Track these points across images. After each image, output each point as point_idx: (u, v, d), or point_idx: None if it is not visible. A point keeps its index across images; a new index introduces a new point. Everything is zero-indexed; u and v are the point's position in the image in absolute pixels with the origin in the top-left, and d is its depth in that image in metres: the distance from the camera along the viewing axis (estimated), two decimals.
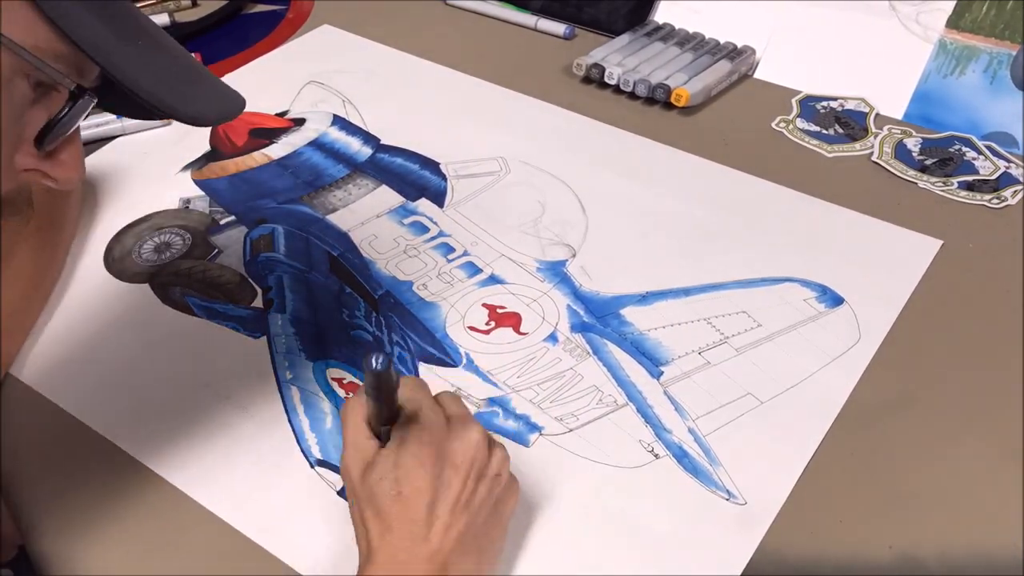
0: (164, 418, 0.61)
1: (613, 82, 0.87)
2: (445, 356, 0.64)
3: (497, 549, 0.50)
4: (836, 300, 0.67)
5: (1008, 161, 0.78)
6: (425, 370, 0.63)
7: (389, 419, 0.48)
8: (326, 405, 0.61)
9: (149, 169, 0.82)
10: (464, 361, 0.64)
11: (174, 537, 0.54)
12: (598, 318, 0.67)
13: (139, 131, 0.86)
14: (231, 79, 0.93)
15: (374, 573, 0.46)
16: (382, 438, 0.49)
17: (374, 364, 0.43)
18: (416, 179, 0.80)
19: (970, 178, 0.77)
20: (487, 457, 0.49)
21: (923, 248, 0.71)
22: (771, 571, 0.51)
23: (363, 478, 0.48)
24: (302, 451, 0.58)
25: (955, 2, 0.84)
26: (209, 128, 0.86)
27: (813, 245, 0.72)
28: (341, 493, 0.56)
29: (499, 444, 0.51)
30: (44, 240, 0.70)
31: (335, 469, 0.57)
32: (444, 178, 0.80)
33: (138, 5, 1.04)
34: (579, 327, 0.66)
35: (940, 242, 0.72)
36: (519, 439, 0.59)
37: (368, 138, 0.84)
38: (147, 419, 0.61)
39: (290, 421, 0.60)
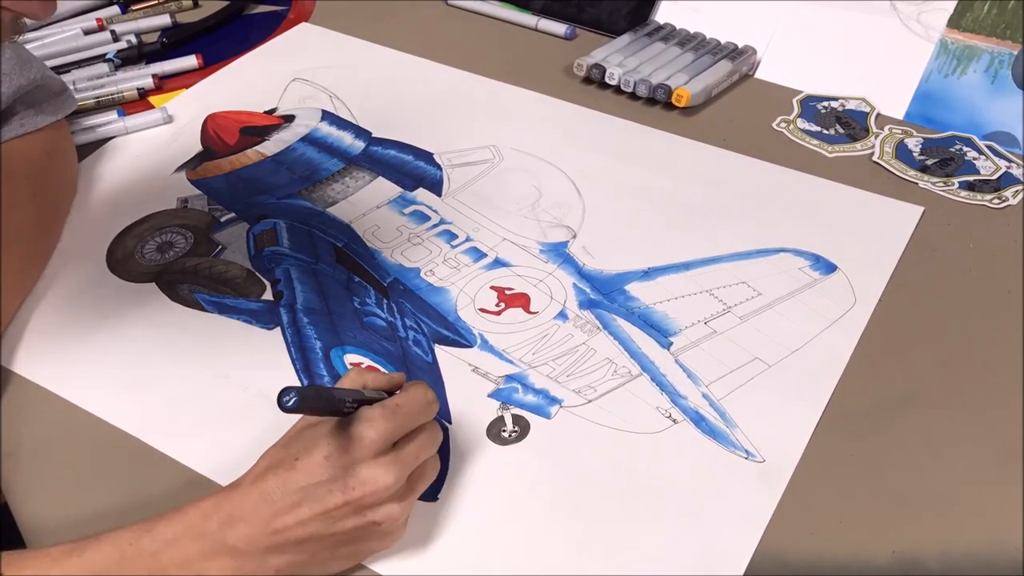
0: (190, 411, 0.62)
1: (614, 82, 0.88)
2: (460, 337, 0.66)
3: (330, 570, 0.50)
4: (829, 267, 0.70)
5: (1009, 161, 0.79)
6: (441, 352, 0.65)
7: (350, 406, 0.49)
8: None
9: (143, 171, 0.82)
10: (479, 341, 0.65)
11: None
12: (604, 295, 0.69)
13: (137, 131, 0.86)
14: (211, 81, 0.93)
15: (220, 501, 0.47)
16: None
17: (282, 405, 0.44)
18: (412, 170, 0.81)
19: (971, 178, 0.78)
20: (380, 502, 0.48)
21: (906, 215, 0.75)
22: (771, 571, 0.52)
23: (301, 427, 0.50)
24: None
25: (956, 2, 0.84)
26: (200, 128, 0.86)
27: (802, 217, 0.75)
28: None
29: (403, 504, 0.49)
30: (41, 204, 0.71)
31: None
32: (439, 168, 0.81)
33: (140, 7, 1.04)
34: (587, 304, 0.68)
35: (922, 208, 0.75)
36: (541, 412, 0.60)
37: (360, 132, 0.85)
38: (172, 412, 0.61)
39: None
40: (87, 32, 0.99)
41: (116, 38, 0.99)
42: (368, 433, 0.48)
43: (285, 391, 0.44)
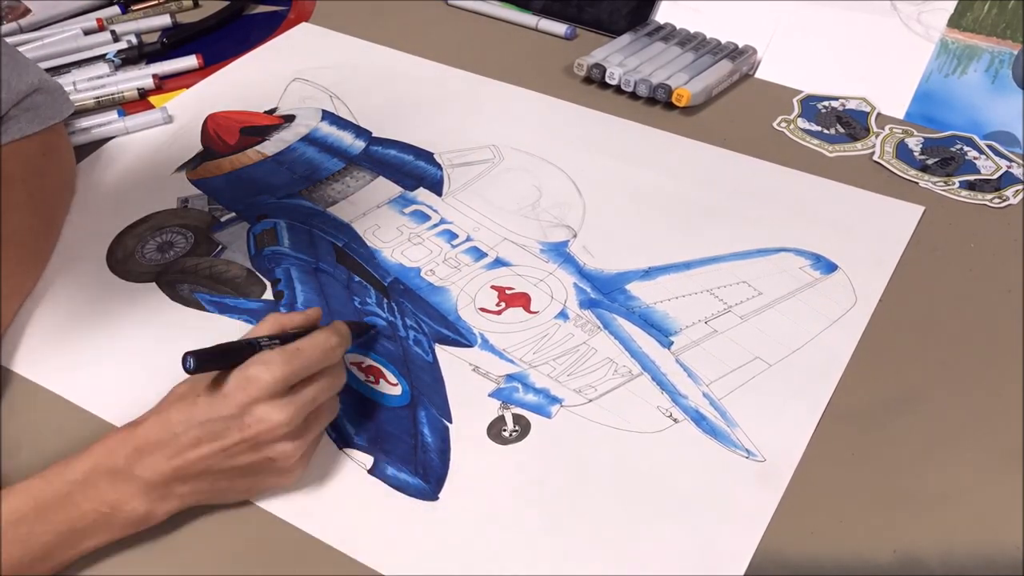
0: None
1: (614, 82, 0.88)
2: (460, 337, 0.66)
3: (231, 498, 0.54)
4: (830, 267, 0.70)
5: (1010, 160, 0.79)
6: (442, 351, 0.65)
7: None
8: (347, 389, 0.62)
9: (143, 171, 0.82)
10: (479, 341, 0.65)
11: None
12: (605, 294, 0.69)
13: (137, 131, 0.86)
14: (211, 81, 0.93)
15: (126, 436, 0.51)
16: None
17: (185, 368, 0.50)
18: (412, 169, 0.81)
19: (971, 177, 0.78)
20: (274, 440, 0.51)
21: (907, 214, 0.75)
22: (772, 570, 0.52)
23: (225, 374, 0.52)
24: (326, 432, 0.59)
25: (956, 1, 0.84)
26: (200, 128, 0.86)
27: (803, 216, 0.75)
28: (372, 472, 0.57)
29: (300, 443, 0.53)
30: (39, 207, 0.72)
31: (363, 449, 0.58)
32: (439, 167, 0.81)
33: (140, 7, 1.04)
34: (587, 303, 0.68)
35: (922, 208, 0.75)
36: (541, 411, 0.60)
37: (360, 131, 0.85)
38: None
39: None
40: (87, 32, 0.99)
41: (116, 38, 0.99)
42: (263, 375, 0.51)
43: (185, 356, 0.49)
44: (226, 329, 0.67)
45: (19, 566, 0.48)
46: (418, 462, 0.57)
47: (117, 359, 0.65)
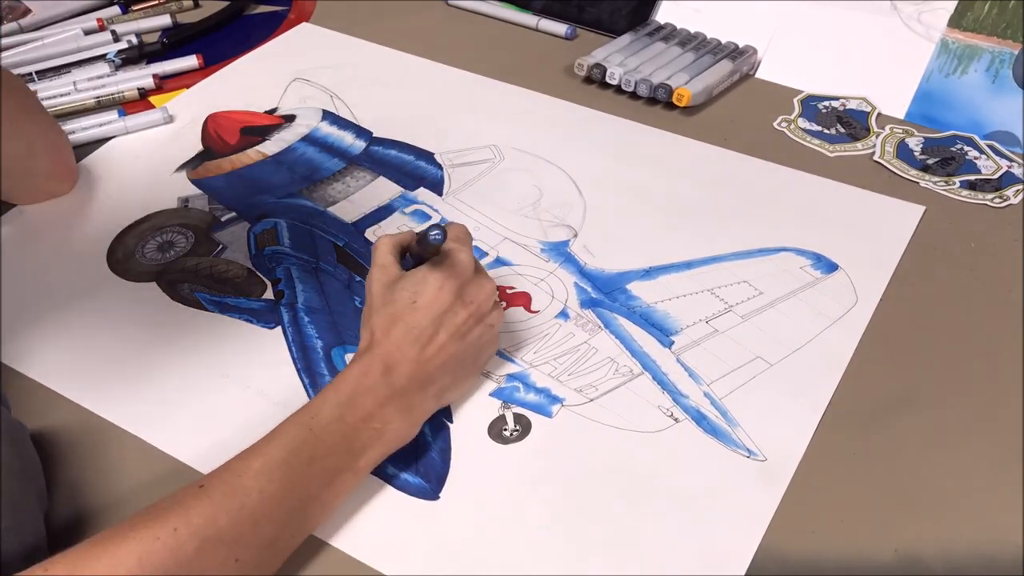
0: (189, 410, 0.61)
1: (615, 82, 0.88)
2: None
3: (469, 385, 0.60)
4: (831, 266, 0.70)
5: (1010, 160, 0.79)
6: None
7: (420, 261, 0.58)
8: None
9: (144, 170, 0.82)
10: None
11: None
12: (605, 294, 0.69)
13: (137, 131, 0.86)
14: (212, 81, 0.93)
15: (369, 357, 0.54)
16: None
17: (431, 238, 0.54)
18: (412, 169, 0.81)
19: (972, 177, 0.78)
20: (490, 308, 0.59)
21: (908, 214, 0.75)
22: (773, 570, 0.52)
23: (387, 288, 0.57)
24: None
25: (957, 1, 0.85)
26: (201, 128, 0.86)
27: (803, 216, 0.75)
28: (372, 471, 0.57)
29: (500, 303, 0.61)
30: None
31: None
32: (440, 168, 0.81)
33: (140, 7, 1.04)
34: (588, 303, 0.68)
35: (923, 207, 0.75)
36: (542, 411, 0.60)
37: (360, 131, 0.85)
38: (173, 411, 0.61)
39: None
40: (88, 32, 0.99)
41: (117, 38, 0.99)
42: (462, 257, 0.57)
43: (435, 229, 0.54)
44: (227, 329, 0.67)
45: (307, 495, 0.50)
46: (419, 461, 0.57)
47: (117, 358, 0.65)
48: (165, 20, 1.02)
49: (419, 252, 0.58)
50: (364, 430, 0.53)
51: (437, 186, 0.79)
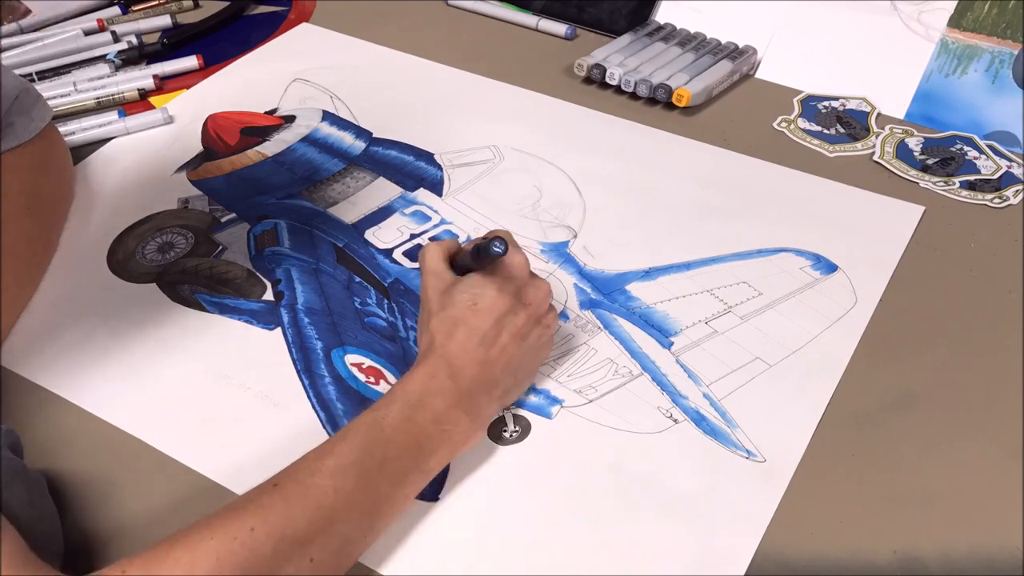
0: (190, 411, 0.61)
1: (614, 83, 0.88)
2: None
3: (525, 385, 0.60)
4: (830, 267, 0.70)
5: (1010, 160, 0.79)
6: None
7: (468, 270, 0.58)
8: (348, 390, 0.62)
9: (144, 171, 0.82)
10: None
11: None
12: (605, 295, 0.69)
13: (137, 131, 0.86)
14: (212, 81, 0.93)
15: (434, 360, 0.54)
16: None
17: (493, 251, 0.54)
18: (412, 170, 0.81)
19: (972, 177, 0.78)
20: (547, 310, 0.59)
21: (907, 214, 0.75)
22: (772, 571, 0.52)
23: (444, 293, 0.57)
24: (328, 435, 0.59)
25: (957, 1, 0.85)
26: (201, 129, 0.86)
27: (803, 216, 0.75)
28: None
29: (554, 305, 0.61)
30: (36, 217, 0.71)
31: None
32: (440, 168, 0.81)
33: (140, 7, 1.05)
34: (588, 304, 0.68)
35: (922, 208, 0.75)
36: (542, 412, 0.60)
37: (360, 132, 0.85)
38: (172, 413, 0.61)
39: (314, 408, 0.61)
40: (88, 33, 0.99)
41: (117, 39, 0.99)
42: (518, 260, 0.58)
43: (498, 241, 0.54)
44: (227, 330, 0.67)
45: (379, 495, 0.50)
46: None
47: (118, 359, 0.65)
48: (165, 20, 1.02)
49: (471, 263, 0.58)
50: (433, 432, 0.53)
51: (437, 187, 0.79)
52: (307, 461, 0.50)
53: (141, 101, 0.91)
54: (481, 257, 0.56)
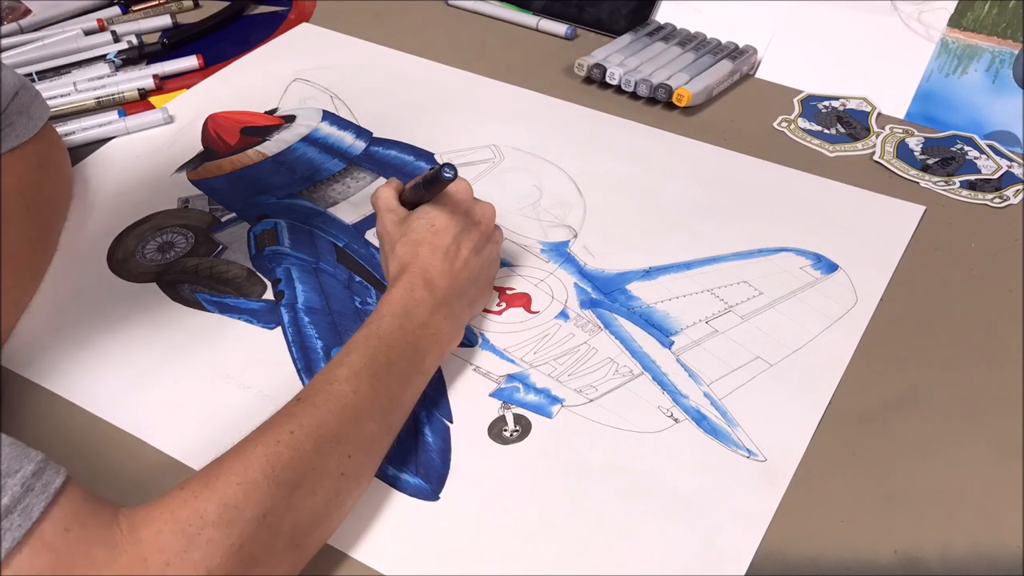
0: (189, 410, 0.61)
1: (615, 82, 0.88)
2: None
3: (487, 296, 0.66)
4: (831, 267, 0.70)
5: (1010, 160, 0.79)
6: None
7: (420, 201, 0.63)
8: None
9: (144, 171, 0.82)
10: (480, 341, 0.65)
11: None
12: (605, 294, 0.69)
13: (138, 131, 0.86)
14: (212, 81, 0.93)
15: (409, 277, 0.59)
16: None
17: (446, 175, 0.59)
18: (413, 170, 0.81)
19: (972, 177, 0.78)
20: (493, 228, 0.65)
21: (908, 214, 0.75)
22: (773, 570, 0.52)
23: (402, 223, 0.62)
24: None
25: (957, 1, 0.85)
26: (201, 129, 0.86)
27: (803, 216, 0.75)
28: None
29: (499, 225, 0.67)
30: (36, 218, 0.71)
31: None
32: None
33: (141, 7, 1.05)
34: (588, 303, 0.68)
35: (923, 207, 0.75)
36: (542, 411, 0.60)
37: (361, 132, 0.85)
38: (172, 412, 0.61)
39: None
40: (88, 32, 0.99)
41: (117, 39, 0.99)
42: (463, 186, 0.63)
43: (449, 166, 0.59)
44: (227, 329, 0.67)
45: (391, 395, 0.55)
46: (419, 462, 0.57)
47: (118, 359, 0.65)
48: (165, 20, 1.02)
49: (420, 195, 0.63)
50: (423, 336, 0.57)
51: None
52: (322, 375, 0.54)
53: (141, 101, 0.91)
54: (433, 185, 0.61)
